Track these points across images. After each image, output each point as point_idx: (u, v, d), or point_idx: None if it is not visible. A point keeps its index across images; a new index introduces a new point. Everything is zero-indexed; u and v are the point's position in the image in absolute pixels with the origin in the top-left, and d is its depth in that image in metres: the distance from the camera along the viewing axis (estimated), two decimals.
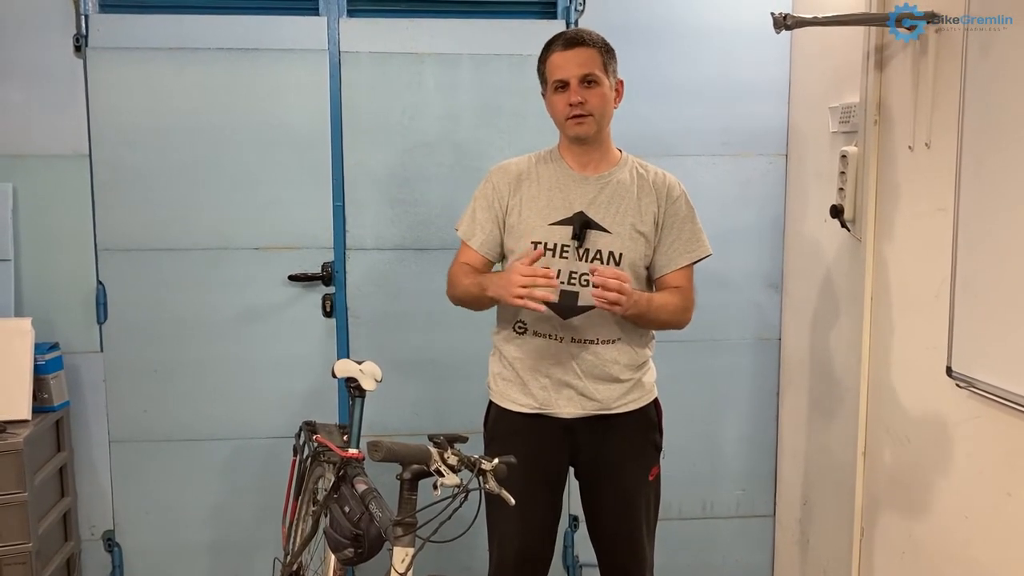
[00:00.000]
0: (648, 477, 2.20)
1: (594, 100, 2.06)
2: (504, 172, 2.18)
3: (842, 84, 2.52)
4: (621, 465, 2.18)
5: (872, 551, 2.41)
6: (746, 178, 2.95)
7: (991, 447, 1.90)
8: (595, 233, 2.09)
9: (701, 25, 2.87)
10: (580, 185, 2.13)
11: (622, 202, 2.12)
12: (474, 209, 2.19)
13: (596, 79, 2.06)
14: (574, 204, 2.11)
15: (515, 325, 2.15)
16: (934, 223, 2.06)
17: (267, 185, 2.81)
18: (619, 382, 2.14)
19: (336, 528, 1.92)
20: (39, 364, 2.66)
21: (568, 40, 2.08)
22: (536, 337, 2.13)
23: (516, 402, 2.17)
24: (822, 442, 2.71)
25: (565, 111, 2.07)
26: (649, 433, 2.22)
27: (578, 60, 2.05)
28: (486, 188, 2.19)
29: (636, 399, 2.18)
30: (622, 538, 2.21)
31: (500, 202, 2.16)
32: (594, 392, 2.13)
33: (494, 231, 2.17)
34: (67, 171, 2.75)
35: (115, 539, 2.90)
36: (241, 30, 2.76)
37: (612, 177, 2.14)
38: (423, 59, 2.82)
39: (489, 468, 1.71)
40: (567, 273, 2.08)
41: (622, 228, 2.10)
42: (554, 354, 2.11)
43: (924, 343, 2.12)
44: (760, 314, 3.01)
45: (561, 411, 2.14)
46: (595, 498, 2.22)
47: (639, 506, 2.19)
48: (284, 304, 2.87)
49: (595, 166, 2.15)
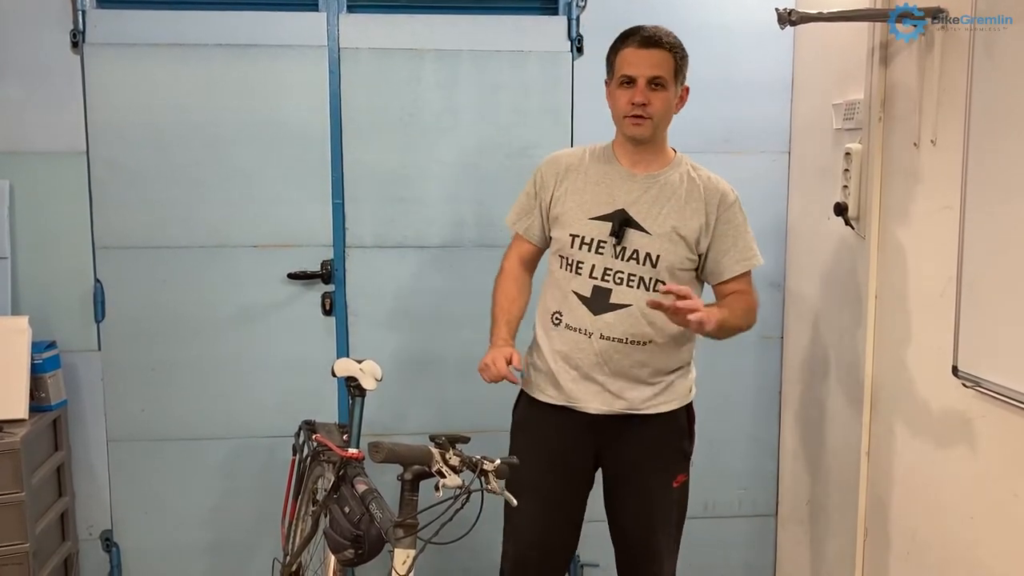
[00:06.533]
0: (673, 483, 2.18)
1: (657, 103, 2.05)
2: (554, 163, 2.21)
3: (846, 81, 2.50)
4: (644, 468, 2.17)
5: (876, 551, 2.39)
6: (749, 175, 2.91)
7: (997, 447, 1.89)
8: (634, 232, 2.08)
9: (703, 21, 2.84)
10: (626, 182, 2.12)
11: (667, 204, 2.10)
12: (521, 198, 2.25)
13: (664, 83, 2.05)
14: (617, 200, 2.10)
15: (552, 316, 2.16)
16: (940, 221, 2.05)
17: (266, 183, 2.80)
18: (648, 384, 2.13)
19: (336, 529, 1.91)
20: (36, 363, 2.64)
21: (646, 39, 2.06)
22: (569, 330, 2.12)
23: (545, 392, 2.17)
24: (825, 441, 2.69)
25: (626, 108, 2.06)
26: (677, 439, 2.20)
27: (652, 61, 2.04)
28: (535, 177, 2.22)
29: (666, 402, 2.16)
30: (638, 541, 2.21)
31: (545, 192, 2.19)
32: (621, 391, 2.12)
33: (536, 219, 2.21)
34: (64, 168, 2.73)
35: (113, 539, 2.88)
36: (240, 26, 2.74)
37: (661, 178, 2.12)
38: (423, 55, 2.81)
39: (491, 469, 1.70)
40: (601, 269, 2.09)
41: (662, 230, 2.08)
42: (584, 349, 2.10)
43: (929, 342, 2.10)
44: (763, 312, 2.96)
45: (587, 406, 2.13)
46: (615, 498, 2.22)
47: (659, 512, 2.18)
48: (283, 302, 2.85)
49: (646, 165, 2.14)
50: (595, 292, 2.08)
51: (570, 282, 2.11)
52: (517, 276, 2.25)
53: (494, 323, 2.19)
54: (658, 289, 2.07)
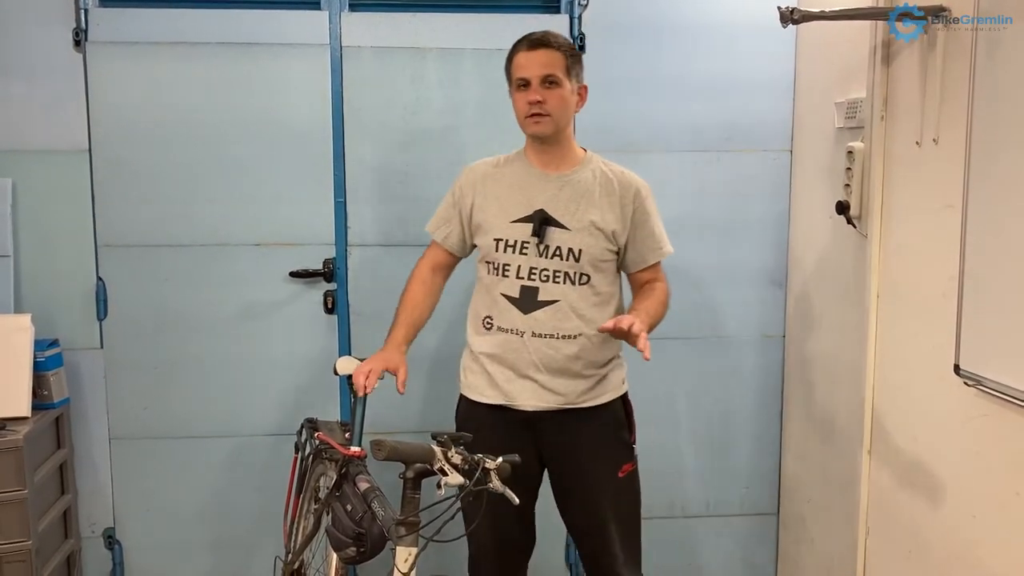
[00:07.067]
0: (618, 474, 2.23)
1: (553, 101, 2.13)
2: (471, 172, 2.29)
3: (848, 79, 2.50)
4: (586, 461, 2.22)
5: (878, 550, 2.39)
6: (750, 174, 2.93)
7: (999, 446, 1.89)
8: (555, 230, 2.16)
9: (705, 20, 2.85)
10: (541, 182, 2.20)
11: (582, 200, 2.18)
12: (441, 207, 2.32)
13: (557, 80, 2.13)
14: (535, 201, 2.18)
15: (483, 321, 2.24)
16: (942, 219, 2.05)
17: (268, 181, 2.80)
18: (582, 378, 2.20)
19: (338, 527, 1.91)
20: (39, 361, 2.65)
21: (533, 41, 2.15)
22: (501, 332, 2.20)
23: (482, 393, 2.24)
24: (827, 440, 2.69)
25: (525, 109, 2.15)
26: (616, 430, 2.25)
27: (541, 61, 2.12)
28: (454, 188, 2.30)
29: (601, 394, 2.23)
30: (590, 532, 2.26)
31: (464, 201, 2.26)
32: (556, 386, 2.18)
33: (456, 228, 2.28)
34: (67, 166, 2.73)
35: (115, 536, 2.89)
36: (242, 25, 2.74)
37: (574, 176, 2.20)
38: (425, 54, 2.81)
39: (493, 467, 1.71)
40: (528, 269, 2.17)
41: (581, 225, 2.16)
42: (516, 349, 2.18)
43: (931, 341, 2.10)
44: (764, 311, 2.99)
45: (524, 403, 2.19)
46: (561, 492, 2.28)
47: (606, 502, 2.23)
48: (285, 301, 2.85)
49: (557, 165, 2.22)
50: (523, 292, 2.16)
51: (498, 285, 2.19)
52: (426, 281, 2.31)
53: (393, 324, 2.26)
54: (583, 283, 2.17)
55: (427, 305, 2.32)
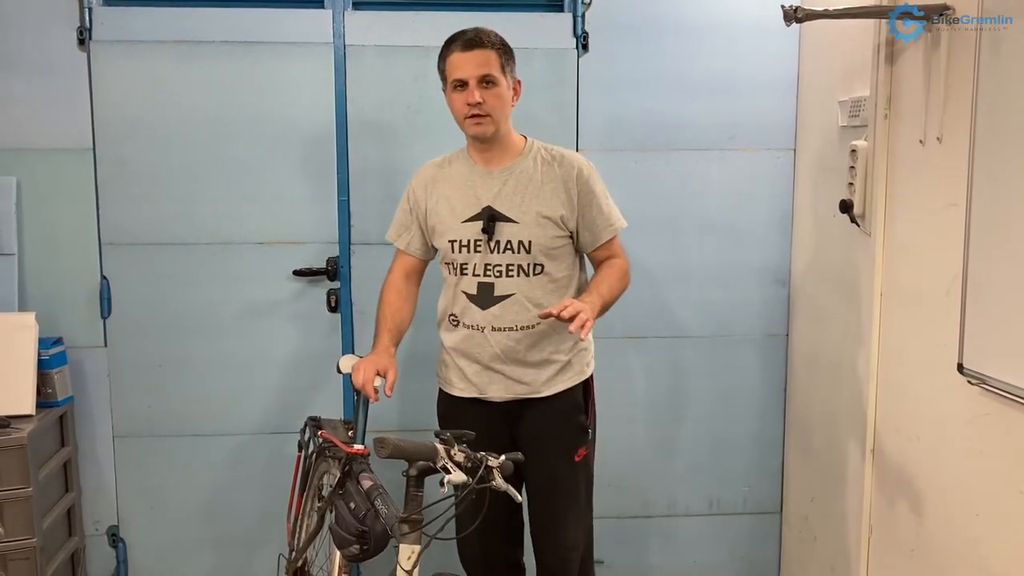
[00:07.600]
0: (575, 458, 2.27)
1: (492, 100, 2.15)
2: (421, 176, 2.34)
3: (851, 78, 2.50)
4: (545, 446, 2.26)
5: (881, 549, 2.39)
6: (754, 173, 2.92)
7: (1003, 444, 1.88)
8: (504, 224, 2.20)
9: (708, 19, 2.84)
10: (485, 179, 2.24)
11: (526, 191, 2.21)
12: (398, 214, 2.37)
13: (494, 80, 2.16)
14: (482, 199, 2.22)
15: (449, 318, 2.29)
16: (945, 218, 2.04)
17: (271, 180, 2.80)
18: (545, 365, 2.24)
19: (341, 524, 1.91)
20: (43, 359, 2.65)
21: (467, 41, 2.17)
22: (465, 328, 2.25)
23: (456, 387, 2.30)
24: (830, 439, 2.69)
25: (464, 110, 2.16)
26: (575, 414, 2.29)
27: (477, 61, 2.15)
28: (407, 194, 2.35)
29: (564, 380, 2.26)
30: (546, 516, 2.30)
31: (418, 206, 2.31)
32: (521, 376, 2.24)
33: (417, 233, 2.33)
34: (71, 165, 2.74)
35: (119, 534, 2.90)
36: (246, 23, 2.75)
37: (516, 168, 2.24)
38: (429, 52, 2.78)
39: (495, 465, 1.71)
40: (482, 266, 2.21)
41: (528, 216, 2.20)
42: (480, 343, 2.23)
43: (935, 340, 2.10)
44: (768, 310, 2.99)
45: (493, 395, 2.26)
46: (525, 479, 2.31)
47: (563, 487, 2.27)
48: (288, 299, 2.86)
49: (499, 160, 2.25)
50: (480, 288, 2.21)
51: (459, 284, 2.24)
52: (400, 287, 2.35)
53: (377, 332, 2.30)
54: (537, 272, 2.20)
55: (407, 310, 2.35)
